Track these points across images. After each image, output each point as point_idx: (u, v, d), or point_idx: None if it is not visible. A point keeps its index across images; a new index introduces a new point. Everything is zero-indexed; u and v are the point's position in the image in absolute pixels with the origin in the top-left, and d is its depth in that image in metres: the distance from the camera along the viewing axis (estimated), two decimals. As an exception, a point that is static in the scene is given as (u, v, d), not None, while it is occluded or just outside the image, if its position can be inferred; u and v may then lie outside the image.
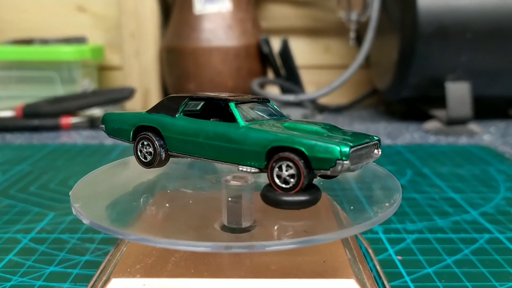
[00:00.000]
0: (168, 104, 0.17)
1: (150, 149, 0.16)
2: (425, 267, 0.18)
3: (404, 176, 0.29)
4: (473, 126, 0.41)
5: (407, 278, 0.17)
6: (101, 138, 0.40)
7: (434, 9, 0.38)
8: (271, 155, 0.14)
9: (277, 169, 0.14)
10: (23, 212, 0.24)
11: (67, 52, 0.45)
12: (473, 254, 0.19)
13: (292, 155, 0.13)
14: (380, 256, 0.19)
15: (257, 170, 0.14)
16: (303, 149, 0.13)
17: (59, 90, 0.47)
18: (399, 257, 0.19)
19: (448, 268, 0.18)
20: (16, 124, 0.42)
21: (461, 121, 0.41)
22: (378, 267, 0.17)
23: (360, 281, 0.13)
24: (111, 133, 0.18)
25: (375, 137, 0.15)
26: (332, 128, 0.15)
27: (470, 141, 0.38)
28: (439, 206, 0.24)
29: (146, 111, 0.17)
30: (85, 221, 0.13)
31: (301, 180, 0.13)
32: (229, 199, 0.14)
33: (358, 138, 0.14)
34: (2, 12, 0.54)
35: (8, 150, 0.36)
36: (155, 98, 0.51)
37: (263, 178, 0.15)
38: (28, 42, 0.48)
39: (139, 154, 0.17)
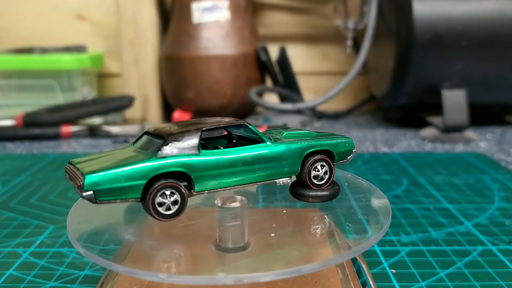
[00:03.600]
0: (182, 141, 0.14)
1: (176, 197, 0.14)
2: (419, 280, 0.18)
3: (400, 186, 0.29)
4: (470, 133, 0.42)
5: (400, 292, 0.18)
6: (101, 147, 0.41)
7: (430, 17, 0.39)
8: (303, 161, 0.16)
9: (313, 171, 0.16)
10: (23, 225, 0.24)
11: (66, 60, 0.46)
12: (466, 267, 0.19)
13: (324, 156, 0.16)
14: (374, 269, 0.19)
15: (290, 178, 0.16)
16: (329, 148, 0.16)
17: (59, 98, 0.47)
18: (393, 271, 0.19)
19: (441, 282, 0.18)
20: (17, 133, 0.42)
21: (458, 128, 0.41)
22: (371, 282, 0.17)
23: (351, 301, 0.13)
24: (107, 196, 0.13)
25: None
26: (312, 131, 0.18)
27: (467, 148, 0.39)
28: (434, 217, 0.24)
29: (156, 157, 0.14)
30: (81, 251, 0.13)
31: (332, 174, 0.16)
32: (231, 220, 0.14)
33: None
34: (1, 20, 0.54)
35: (8, 160, 0.36)
36: (154, 105, 0.51)
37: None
38: (28, 51, 0.49)
39: (158, 208, 0.14)
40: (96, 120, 0.47)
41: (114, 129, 0.43)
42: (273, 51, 0.49)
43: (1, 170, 0.34)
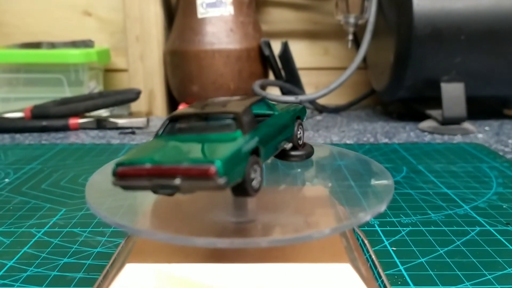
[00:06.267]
0: (249, 117, 0.14)
1: (259, 171, 0.14)
2: (419, 257, 0.19)
3: (400, 173, 0.30)
4: (468, 125, 0.42)
5: (401, 267, 0.18)
6: (108, 138, 0.42)
7: (429, 12, 0.40)
8: None
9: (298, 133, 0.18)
10: (36, 208, 0.25)
11: (74, 55, 0.47)
12: (464, 245, 0.20)
13: (300, 120, 0.18)
14: (376, 247, 0.20)
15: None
16: (300, 114, 0.19)
17: (66, 93, 0.48)
18: (394, 248, 0.20)
19: (440, 258, 0.19)
20: (26, 124, 0.43)
21: (456, 121, 0.42)
22: (373, 256, 0.18)
23: (355, 266, 0.14)
24: (231, 182, 0.12)
25: None
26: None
27: (465, 139, 0.39)
28: (433, 201, 0.25)
29: (243, 134, 0.13)
30: (99, 215, 0.14)
31: (303, 136, 0.18)
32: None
33: None
34: (10, 17, 0.55)
35: (19, 150, 0.37)
36: (159, 99, 0.52)
37: None
38: (36, 45, 0.50)
39: (253, 184, 0.13)
40: (103, 113, 0.48)
41: (121, 121, 0.44)
42: (276, 47, 0.50)
43: (12, 158, 0.35)
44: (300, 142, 0.18)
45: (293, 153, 0.18)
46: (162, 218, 0.15)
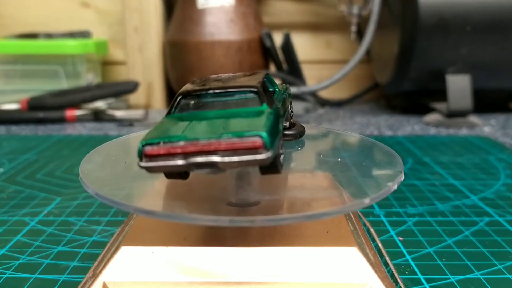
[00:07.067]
0: (266, 90, 0.13)
1: (282, 146, 0.13)
2: (426, 247, 0.18)
3: (405, 165, 0.29)
4: (474, 118, 0.42)
5: (408, 257, 0.18)
6: (106, 129, 0.41)
7: (435, 2, 0.39)
8: None
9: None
10: (30, 197, 0.24)
11: (71, 46, 0.46)
12: (473, 235, 0.19)
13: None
14: (382, 237, 0.19)
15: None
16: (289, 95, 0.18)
17: (64, 84, 0.47)
18: (400, 238, 0.19)
19: (448, 248, 0.18)
20: (22, 116, 0.42)
21: (462, 113, 0.41)
22: (380, 245, 0.17)
23: (362, 250, 0.13)
24: (274, 152, 0.11)
25: None
26: None
27: (471, 132, 0.39)
28: (440, 191, 0.25)
29: (267, 105, 0.12)
30: (90, 191, 0.13)
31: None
32: (239, 176, 0.14)
33: None
34: (6, 7, 0.54)
35: (14, 141, 0.36)
36: (158, 92, 0.51)
37: None
38: (33, 36, 0.49)
39: (280, 159, 0.12)
40: (100, 105, 0.47)
41: (119, 113, 0.43)
42: (277, 40, 0.49)
43: (7, 149, 0.34)
44: (292, 121, 0.18)
45: (286, 132, 0.17)
46: (163, 201, 0.15)
